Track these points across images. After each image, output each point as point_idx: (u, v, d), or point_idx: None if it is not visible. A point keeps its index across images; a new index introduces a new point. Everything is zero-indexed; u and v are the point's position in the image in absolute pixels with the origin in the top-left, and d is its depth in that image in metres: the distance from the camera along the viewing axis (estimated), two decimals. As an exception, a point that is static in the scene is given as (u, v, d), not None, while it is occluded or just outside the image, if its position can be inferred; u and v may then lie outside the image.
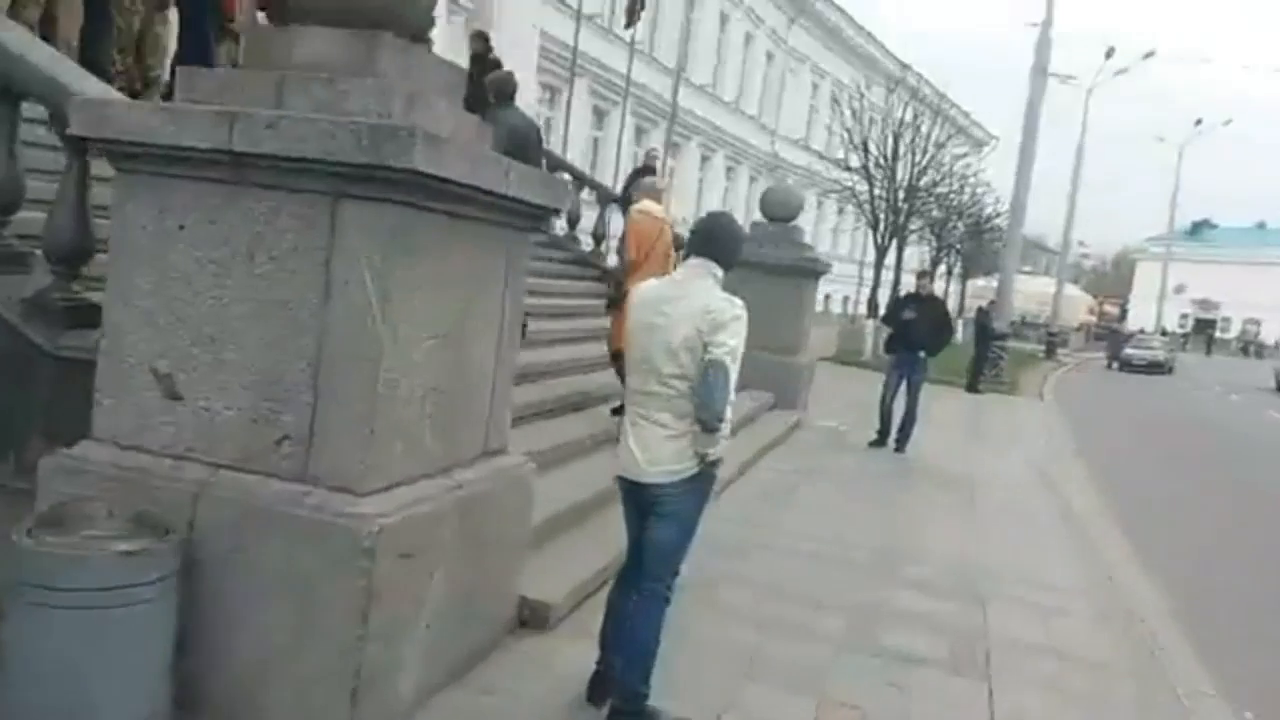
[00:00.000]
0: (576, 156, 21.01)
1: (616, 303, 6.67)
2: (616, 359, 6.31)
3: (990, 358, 19.59)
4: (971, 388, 18.59)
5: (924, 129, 26.71)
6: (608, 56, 23.26)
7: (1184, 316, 68.38)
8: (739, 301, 3.36)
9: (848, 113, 26.43)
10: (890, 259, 27.76)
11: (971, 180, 31.36)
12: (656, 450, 3.37)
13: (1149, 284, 61.65)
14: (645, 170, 11.96)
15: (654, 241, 6.73)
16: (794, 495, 7.70)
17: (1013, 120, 22.31)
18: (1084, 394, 22.77)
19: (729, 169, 33.00)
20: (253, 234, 3.20)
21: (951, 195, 29.57)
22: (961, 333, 29.17)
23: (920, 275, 10.83)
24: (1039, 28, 22.36)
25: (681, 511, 3.45)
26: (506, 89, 7.22)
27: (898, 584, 5.68)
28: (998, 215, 30.68)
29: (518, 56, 15.23)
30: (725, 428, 3.33)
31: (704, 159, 31.22)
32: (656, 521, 3.46)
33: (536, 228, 4.04)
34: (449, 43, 13.76)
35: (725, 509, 6.82)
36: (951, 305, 41.94)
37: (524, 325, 6.69)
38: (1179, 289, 63.62)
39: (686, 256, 3.51)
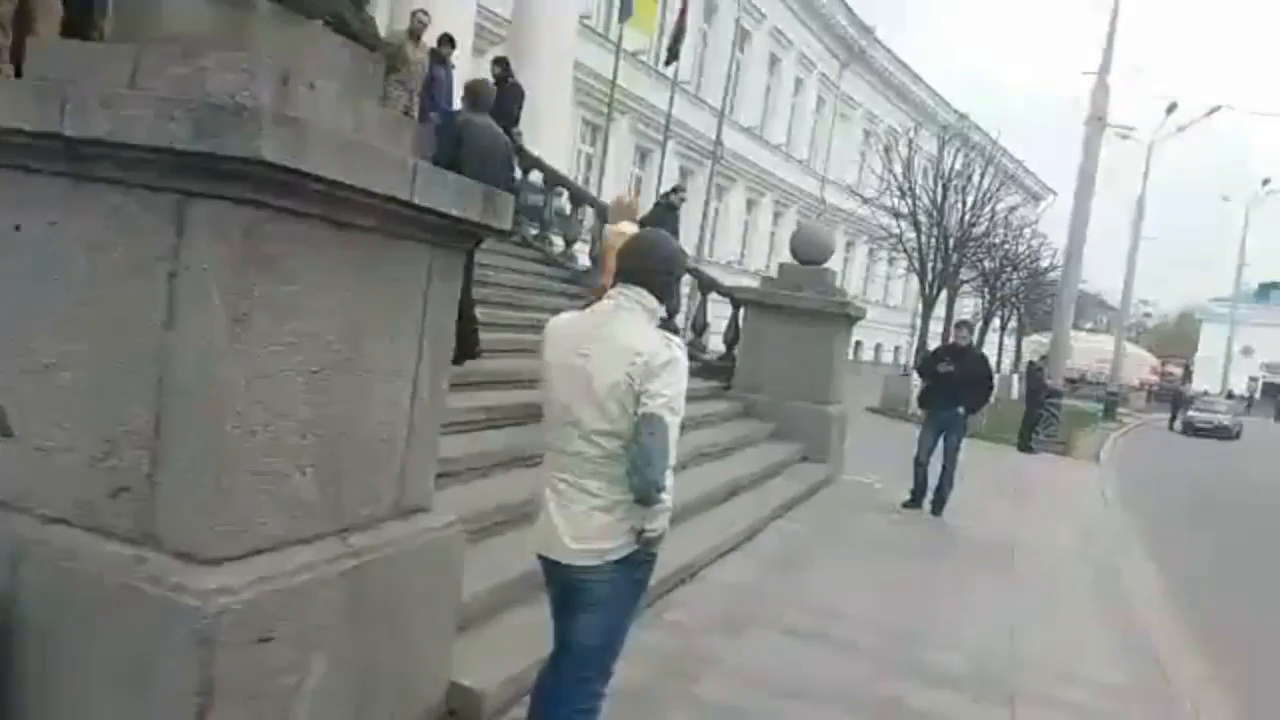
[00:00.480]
0: (618, 188, 20.54)
1: None
2: None
3: (1043, 416, 18.55)
4: (1023, 447, 17.62)
5: (974, 178, 25.87)
6: (653, 95, 22.88)
7: (1253, 380, 65.80)
8: (676, 340, 2.74)
9: (897, 159, 25.69)
10: (942, 310, 26.82)
11: (1026, 232, 30.38)
12: (583, 524, 2.73)
13: (1214, 345, 59.64)
14: (665, 199, 11.37)
15: None
16: (808, 561, 6.92)
17: (1072, 178, 21.41)
18: (1143, 458, 21.51)
19: (777, 213, 32.41)
20: (93, 240, 2.64)
21: (1005, 245, 28.58)
22: (1016, 389, 28.26)
23: (958, 325, 10.03)
24: (1095, 75, 21.59)
25: (611, 601, 2.78)
26: (478, 94, 6.71)
27: (910, 675, 4.88)
28: (1054, 268, 29.57)
29: (552, 91, 14.87)
30: (666, 498, 2.67)
31: (750, 202, 30.69)
32: (581, 612, 2.80)
33: (466, 246, 3.42)
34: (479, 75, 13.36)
35: (726, 575, 6.13)
36: (1006, 361, 40.91)
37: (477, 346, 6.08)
38: (1246, 351, 61.42)
39: (614, 284, 2.87)
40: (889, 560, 7.35)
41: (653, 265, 2.84)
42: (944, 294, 26.38)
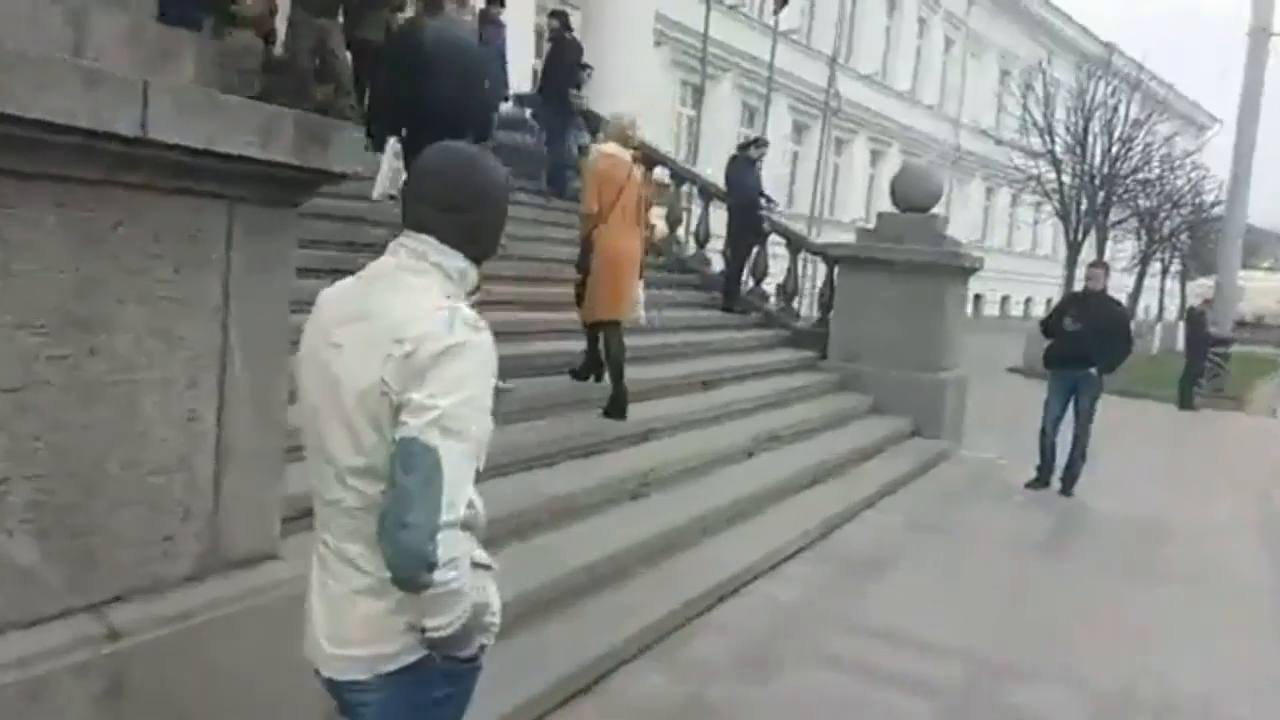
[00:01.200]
0: (722, 154, 19.38)
1: (583, 267, 6.00)
2: (592, 328, 6.11)
3: (1207, 367, 16.41)
4: (1184, 404, 15.59)
5: (1120, 109, 23.36)
6: (757, 48, 21.55)
7: None
8: (471, 317, 1.62)
9: (1033, 96, 23.48)
10: (1094, 255, 24.47)
11: (1186, 164, 27.38)
12: (343, 616, 1.72)
13: None
14: (743, 152, 10.33)
15: (619, 189, 5.83)
16: (894, 563, 5.77)
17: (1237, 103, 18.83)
18: (1334, 408, 18.92)
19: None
20: None
21: (1162, 180, 25.81)
22: (1181, 338, 25.44)
23: (1092, 265, 8.47)
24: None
25: None
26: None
27: (1000, 727, 3.78)
28: (1219, 203, 26.57)
29: (632, 48, 13.87)
30: (448, 576, 1.53)
31: (875, 154, 28.85)
32: None
33: (292, 199, 2.52)
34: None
35: (783, 587, 5.10)
36: (1171, 306, 37.39)
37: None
38: None
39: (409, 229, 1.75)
40: (997, 558, 6.12)
41: (458, 201, 1.71)
42: (1093, 237, 24.03)
